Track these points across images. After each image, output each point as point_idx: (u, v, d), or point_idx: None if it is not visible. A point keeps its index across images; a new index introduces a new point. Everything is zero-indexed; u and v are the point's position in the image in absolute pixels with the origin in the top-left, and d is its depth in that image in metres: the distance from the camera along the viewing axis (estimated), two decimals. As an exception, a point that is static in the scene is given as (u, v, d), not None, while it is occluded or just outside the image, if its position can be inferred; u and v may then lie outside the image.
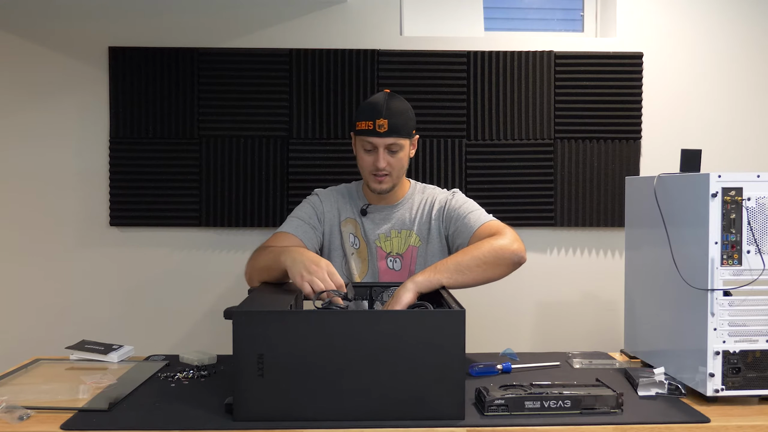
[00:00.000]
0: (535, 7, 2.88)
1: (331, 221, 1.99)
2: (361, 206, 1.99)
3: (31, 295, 2.63)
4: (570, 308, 2.72)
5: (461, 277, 1.69)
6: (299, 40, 2.63)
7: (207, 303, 2.65)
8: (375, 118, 1.86)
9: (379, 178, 1.91)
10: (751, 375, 1.43)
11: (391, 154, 1.89)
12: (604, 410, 1.35)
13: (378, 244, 1.97)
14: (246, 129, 2.62)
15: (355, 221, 1.99)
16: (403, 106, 1.91)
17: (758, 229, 1.43)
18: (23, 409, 1.33)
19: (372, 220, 1.98)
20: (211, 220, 2.63)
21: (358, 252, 1.97)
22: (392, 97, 1.91)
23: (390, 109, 1.87)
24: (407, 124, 1.91)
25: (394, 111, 1.87)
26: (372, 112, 1.87)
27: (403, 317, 1.37)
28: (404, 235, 1.97)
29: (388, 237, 1.97)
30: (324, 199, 2.02)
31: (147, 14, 2.61)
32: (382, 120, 1.85)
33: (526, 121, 2.64)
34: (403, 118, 1.89)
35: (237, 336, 1.30)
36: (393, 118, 1.86)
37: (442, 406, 1.31)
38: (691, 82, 2.70)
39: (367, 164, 1.92)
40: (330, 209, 2.00)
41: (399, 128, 1.88)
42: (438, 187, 2.06)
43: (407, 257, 1.96)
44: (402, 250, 1.97)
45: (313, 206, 2.00)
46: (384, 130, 1.86)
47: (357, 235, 1.98)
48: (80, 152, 2.63)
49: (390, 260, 1.96)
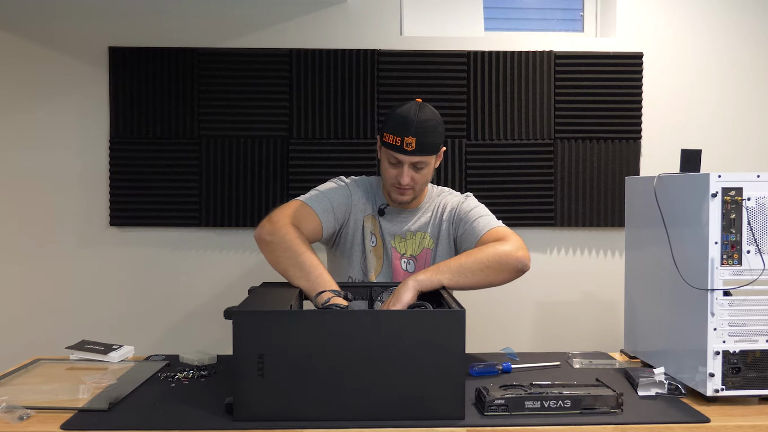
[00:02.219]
0: (535, 7, 2.88)
1: (357, 216, 1.95)
2: (379, 205, 1.96)
3: (31, 295, 2.63)
4: (570, 308, 2.72)
5: (463, 279, 1.68)
6: (299, 40, 2.63)
7: (207, 303, 2.65)
8: (403, 135, 1.79)
9: (401, 191, 1.87)
10: (751, 375, 1.43)
11: (417, 170, 1.84)
12: (604, 410, 1.35)
13: (393, 245, 1.95)
14: (246, 129, 2.62)
15: (374, 218, 1.96)
16: (433, 120, 1.83)
17: (758, 229, 1.43)
18: (23, 409, 1.33)
19: (389, 221, 1.96)
20: (211, 220, 2.63)
21: (375, 249, 1.95)
22: (423, 111, 1.82)
23: (420, 126, 1.79)
24: (436, 141, 1.84)
25: (424, 128, 1.80)
26: (402, 126, 1.80)
27: (403, 317, 1.37)
28: (419, 237, 1.96)
29: (403, 239, 1.95)
30: (354, 191, 1.95)
31: (147, 14, 2.61)
32: (410, 138, 1.78)
33: (526, 121, 2.64)
34: (432, 136, 1.82)
35: (237, 336, 1.30)
36: (422, 137, 1.79)
37: (442, 406, 1.31)
38: (691, 82, 2.70)
39: (391, 176, 1.87)
40: (358, 203, 1.95)
41: (427, 147, 1.81)
42: (453, 191, 2.04)
43: (421, 259, 1.95)
44: (416, 252, 1.95)
45: (345, 197, 1.93)
46: (411, 149, 1.79)
47: (375, 233, 1.95)
48: (80, 152, 2.63)
49: (404, 261, 1.95)
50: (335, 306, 1.49)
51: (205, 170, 2.62)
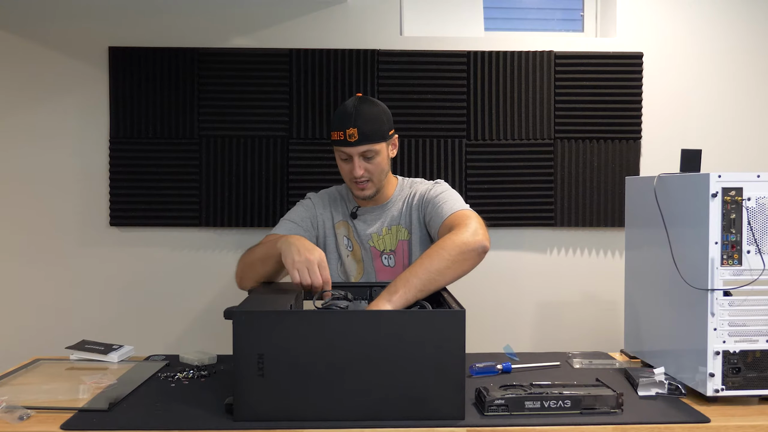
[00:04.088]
0: (535, 7, 2.88)
1: (325, 224, 1.99)
2: (351, 209, 1.99)
3: (31, 295, 2.63)
4: (570, 308, 2.71)
5: (433, 285, 1.62)
6: (299, 40, 2.63)
7: (207, 303, 2.65)
8: (345, 128, 1.83)
9: (360, 185, 1.90)
10: (751, 375, 1.43)
11: (367, 160, 1.87)
12: (604, 410, 1.35)
13: (371, 244, 1.97)
14: (246, 129, 2.62)
15: (347, 223, 1.99)
16: (373, 110, 1.87)
17: (758, 229, 1.43)
18: (23, 409, 1.33)
19: (363, 221, 1.98)
20: (211, 220, 2.63)
21: (353, 254, 1.98)
22: (363, 102, 1.87)
23: (360, 116, 1.83)
24: (380, 128, 1.87)
25: (364, 117, 1.83)
26: (342, 121, 1.84)
27: (403, 317, 1.37)
28: (394, 231, 1.97)
29: (380, 236, 1.97)
30: (316, 203, 2.01)
31: (147, 14, 2.61)
32: (351, 129, 1.82)
33: (526, 121, 2.64)
34: (374, 124, 1.85)
35: (237, 336, 1.30)
36: (363, 126, 1.83)
37: (442, 406, 1.31)
38: (691, 82, 2.70)
39: (346, 173, 1.91)
40: (323, 212, 2.00)
41: (370, 135, 1.84)
42: (425, 180, 2.05)
43: (399, 252, 1.97)
44: (393, 246, 1.97)
45: (306, 209, 1.99)
46: (355, 139, 1.83)
47: (350, 237, 1.98)
48: (80, 152, 2.63)
49: (384, 258, 1.97)
50: (335, 306, 1.49)
51: (205, 170, 2.62)
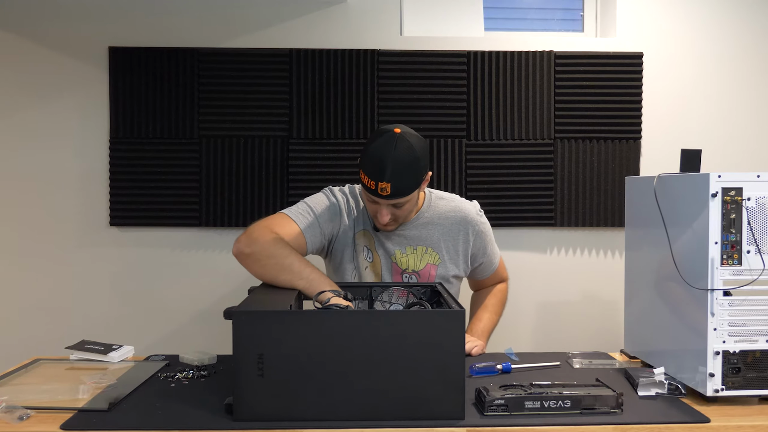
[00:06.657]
0: (535, 7, 2.88)
1: (346, 233, 1.87)
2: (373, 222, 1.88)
3: (31, 295, 2.63)
4: (570, 308, 2.71)
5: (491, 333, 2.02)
6: (299, 40, 2.63)
7: (207, 303, 2.65)
8: (377, 180, 1.68)
9: (384, 225, 1.81)
10: (751, 375, 1.43)
11: (396, 207, 1.77)
12: (604, 410, 1.35)
13: (393, 260, 1.88)
14: (246, 129, 2.62)
15: (370, 234, 1.88)
16: (410, 157, 1.70)
17: (758, 229, 1.43)
18: (23, 409, 1.33)
19: (386, 235, 1.88)
20: (211, 220, 2.63)
21: (372, 265, 1.89)
22: (399, 147, 1.70)
23: (395, 169, 1.68)
24: (415, 179, 1.73)
25: (400, 171, 1.69)
26: (375, 171, 1.69)
27: (403, 317, 1.37)
28: (420, 251, 1.89)
29: (404, 253, 1.88)
30: (343, 206, 1.88)
31: (147, 14, 2.61)
32: (384, 183, 1.68)
33: (526, 121, 2.64)
34: (409, 178, 1.71)
35: (237, 336, 1.30)
36: (397, 181, 1.69)
37: (442, 406, 1.31)
38: (691, 82, 2.70)
39: (371, 211, 1.82)
40: (348, 220, 1.87)
41: (403, 190, 1.71)
42: (458, 197, 1.97)
43: (425, 275, 1.89)
44: (419, 267, 1.89)
45: (332, 214, 1.86)
46: (387, 194, 1.70)
47: (371, 249, 1.88)
48: (80, 152, 2.63)
49: (406, 277, 1.89)
50: (335, 306, 1.49)
51: (205, 170, 2.62)
